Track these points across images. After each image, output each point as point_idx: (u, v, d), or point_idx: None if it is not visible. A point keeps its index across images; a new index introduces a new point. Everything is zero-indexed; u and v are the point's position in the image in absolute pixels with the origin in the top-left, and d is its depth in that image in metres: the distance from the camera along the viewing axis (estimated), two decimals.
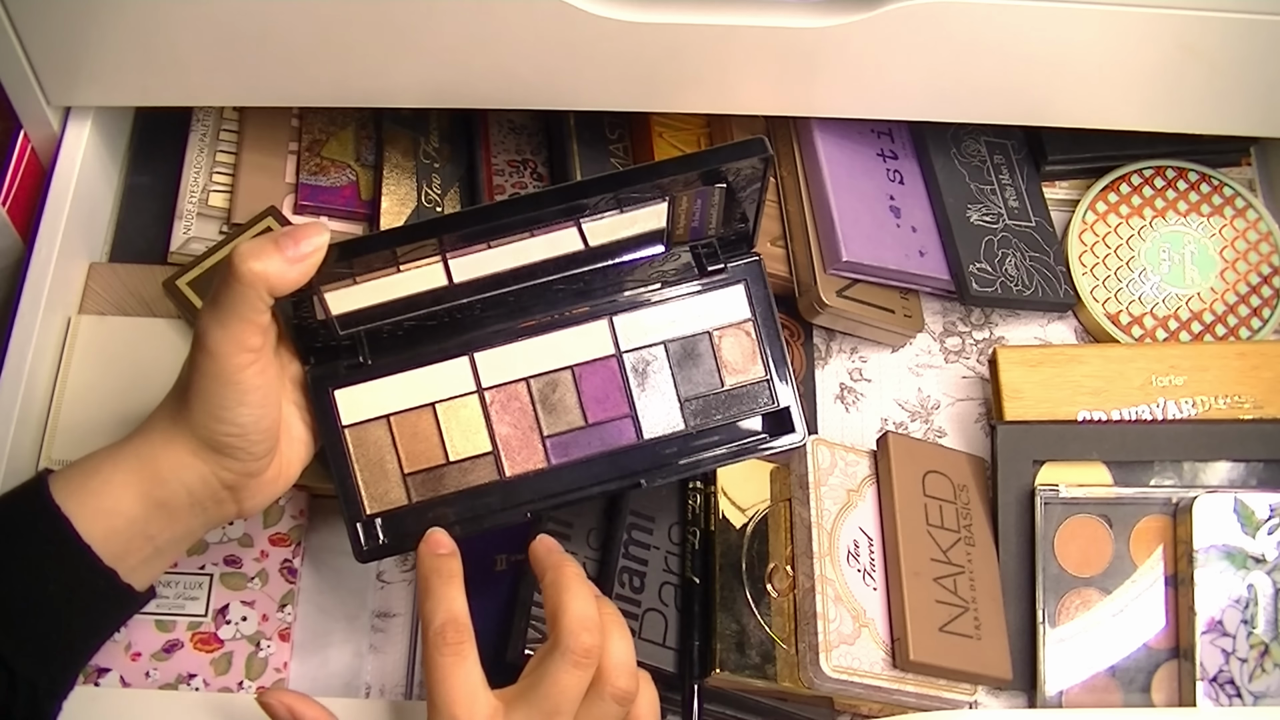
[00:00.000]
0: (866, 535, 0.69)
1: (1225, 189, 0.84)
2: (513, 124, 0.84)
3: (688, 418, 0.64)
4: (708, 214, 0.62)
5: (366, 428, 0.62)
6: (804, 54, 0.69)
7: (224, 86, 0.72)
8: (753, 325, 0.65)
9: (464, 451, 0.62)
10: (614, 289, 0.64)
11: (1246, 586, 0.68)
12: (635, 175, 0.58)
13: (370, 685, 0.69)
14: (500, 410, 0.63)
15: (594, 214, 0.59)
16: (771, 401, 0.64)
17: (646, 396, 0.64)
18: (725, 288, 0.65)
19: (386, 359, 0.62)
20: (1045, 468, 0.72)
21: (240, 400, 0.54)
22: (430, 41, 0.68)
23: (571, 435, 0.63)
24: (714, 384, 0.64)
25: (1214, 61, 0.71)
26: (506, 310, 0.63)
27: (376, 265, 0.58)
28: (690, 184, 0.59)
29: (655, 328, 0.64)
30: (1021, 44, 0.69)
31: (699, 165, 0.58)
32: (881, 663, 0.65)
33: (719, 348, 0.64)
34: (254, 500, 0.58)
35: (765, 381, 0.64)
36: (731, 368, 0.64)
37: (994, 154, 0.84)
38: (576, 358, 0.64)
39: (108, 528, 0.54)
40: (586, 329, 0.64)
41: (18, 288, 0.72)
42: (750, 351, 0.65)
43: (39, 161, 0.77)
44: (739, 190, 0.60)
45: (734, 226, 0.64)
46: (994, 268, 0.79)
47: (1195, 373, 0.76)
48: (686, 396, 0.64)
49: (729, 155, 0.58)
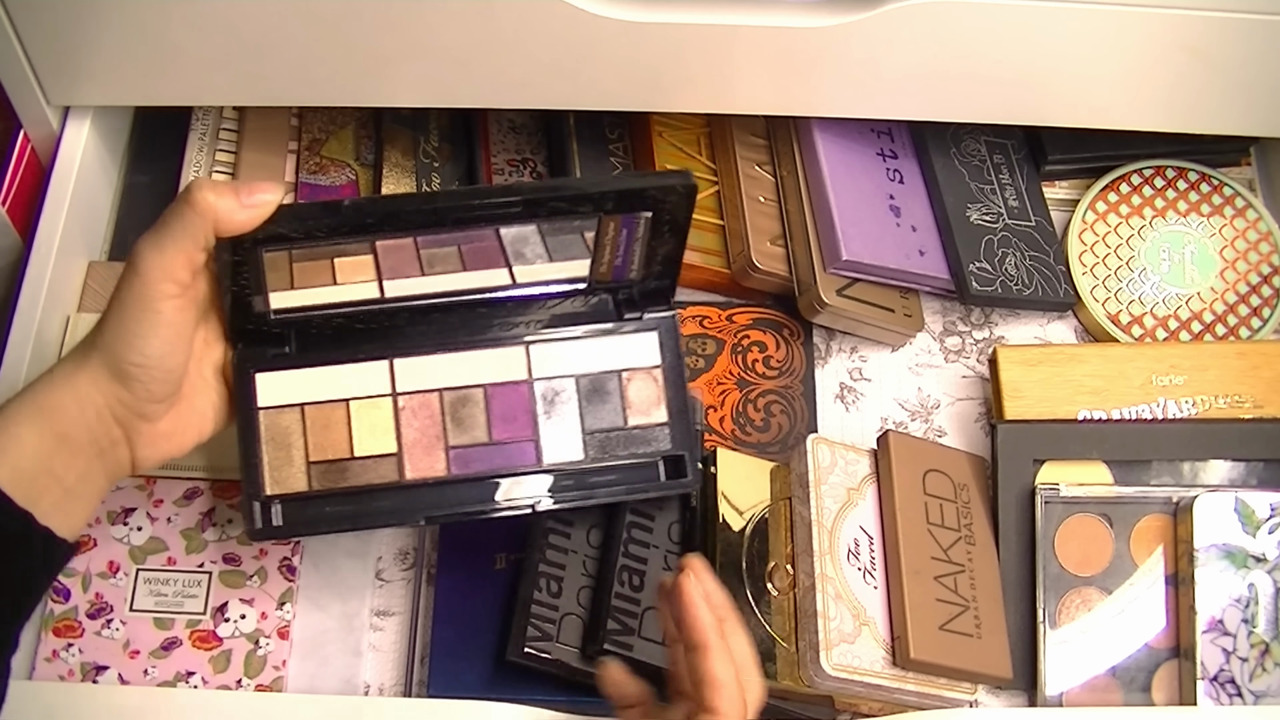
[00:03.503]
0: (867, 534, 0.69)
1: (1225, 189, 0.84)
2: (513, 123, 0.84)
3: (588, 449, 0.65)
4: (631, 250, 0.64)
5: (281, 412, 0.64)
6: (804, 54, 0.69)
7: (224, 86, 0.72)
8: (661, 372, 0.67)
9: (369, 449, 0.64)
10: (536, 320, 0.67)
11: (1247, 586, 0.68)
12: (555, 186, 0.61)
13: (369, 684, 0.69)
14: (410, 416, 0.65)
15: (523, 234, 0.62)
16: (670, 445, 0.66)
17: (551, 424, 0.66)
18: (640, 333, 0.68)
19: (311, 353, 0.65)
20: (1045, 467, 0.72)
21: (153, 329, 0.56)
22: (430, 41, 0.68)
23: (474, 450, 0.65)
24: (617, 421, 0.66)
25: (1214, 61, 0.71)
26: (431, 326, 0.66)
27: (317, 257, 0.60)
28: (610, 200, 0.61)
29: (569, 360, 0.67)
30: (1021, 44, 0.69)
31: (623, 184, 0.61)
32: (882, 661, 0.65)
33: (626, 388, 0.67)
34: (147, 451, 0.59)
35: (665, 425, 0.66)
36: (636, 409, 0.66)
37: (994, 154, 0.84)
38: (490, 378, 0.66)
39: (14, 467, 0.54)
40: (504, 352, 0.66)
41: (17, 286, 0.72)
42: (656, 397, 0.67)
43: (38, 160, 0.77)
44: (663, 223, 0.63)
45: (655, 272, 0.66)
46: (994, 267, 0.79)
47: (1195, 372, 0.76)
48: (590, 430, 0.66)
49: (653, 179, 0.63)
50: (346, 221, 0.59)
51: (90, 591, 0.67)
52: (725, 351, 0.78)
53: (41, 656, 0.66)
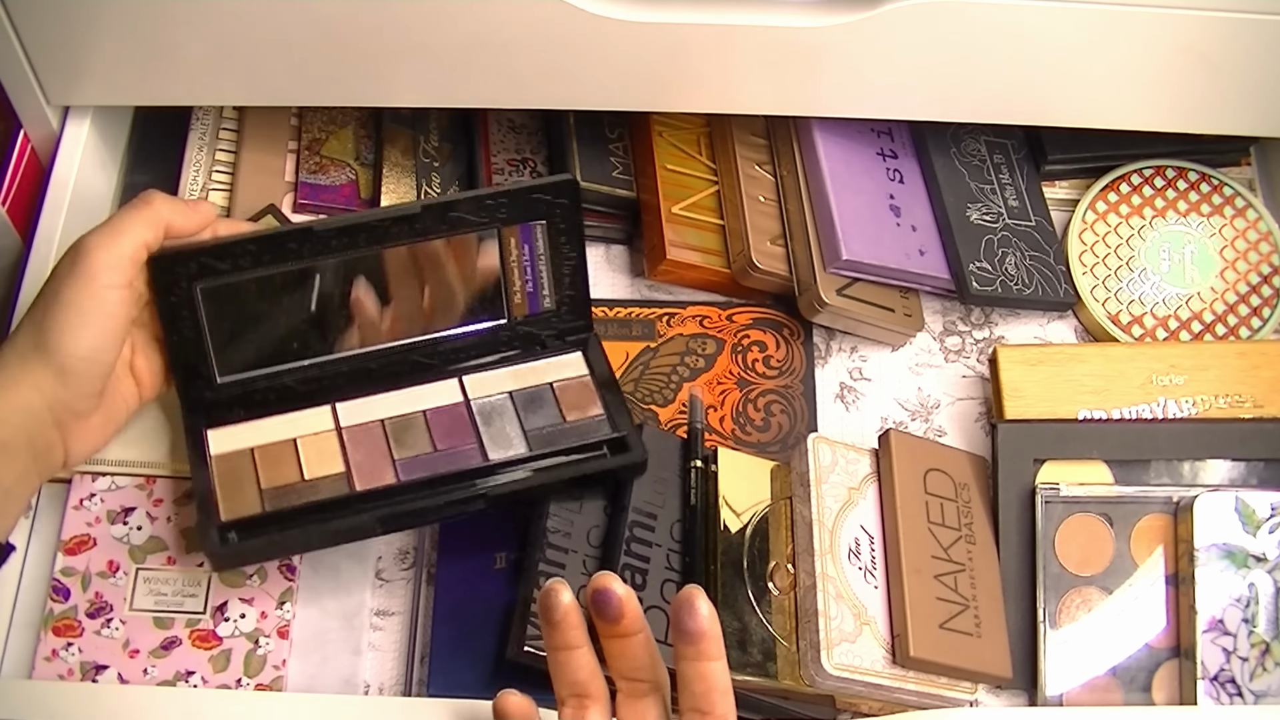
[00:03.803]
0: (867, 533, 0.69)
1: (1225, 189, 0.84)
2: (512, 123, 0.84)
3: (531, 444, 0.69)
4: (538, 270, 0.69)
5: (231, 456, 0.67)
6: (804, 54, 0.69)
7: (224, 86, 0.73)
8: (591, 379, 0.71)
9: (318, 472, 0.67)
10: (464, 360, 0.71)
11: (1247, 585, 0.68)
12: (450, 198, 0.66)
13: (369, 684, 0.69)
14: (355, 442, 0.68)
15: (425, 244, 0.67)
16: (612, 431, 0.69)
17: (493, 429, 0.69)
18: (564, 354, 0.72)
19: (257, 409, 0.69)
20: (1046, 466, 0.72)
21: (98, 320, 0.59)
22: (430, 41, 0.68)
23: (421, 458, 0.68)
24: (556, 420, 0.70)
25: (1214, 61, 0.71)
26: (369, 379, 0.70)
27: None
28: (503, 207, 0.66)
29: (501, 382, 0.71)
30: (1021, 44, 0.70)
31: (510, 187, 0.66)
32: (882, 661, 0.65)
33: (560, 394, 0.71)
34: (79, 447, 0.62)
35: (602, 417, 0.70)
36: (572, 408, 0.70)
37: (994, 153, 0.84)
38: (428, 405, 0.70)
39: None
40: (438, 385, 0.71)
41: (17, 286, 0.72)
42: (590, 397, 0.71)
43: (38, 160, 0.77)
44: (559, 231, 0.68)
45: (567, 299, 0.71)
46: (994, 267, 0.79)
47: (1195, 372, 0.76)
48: (531, 429, 0.69)
49: (539, 180, 0.67)
50: (269, 249, 0.65)
51: (90, 591, 0.67)
52: (725, 351, 0.78)
53: (41, 656, 0.66)
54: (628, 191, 0.81)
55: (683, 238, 0.78)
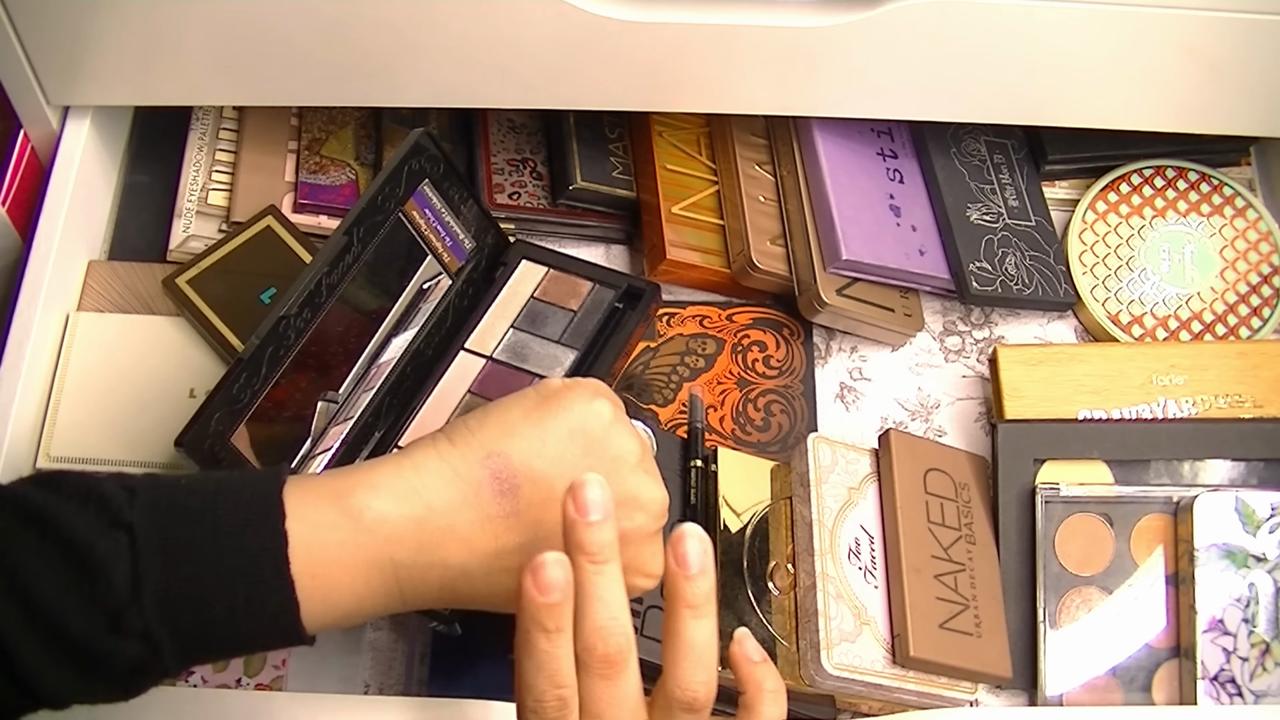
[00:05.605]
0: (868, 533, 0.69)
1: (1225, 189, 0.84)
2: (512, 123, 0.84)
3: (572, 343, 0.73)
4: (446, 224, 0.71)
5: None
6: (804, 54, 0.69)
7: (224, 86, 0.73)
8: (553, 272, 0.76)
9: None
10: (452, 336, 0.73)
11: (1247, 585, 0.68)
12: (355, 212, 0.66)
13: (369, 683, 0.68)
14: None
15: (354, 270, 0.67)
16: (612, 286, 0.75)
17: (533, 358, 0.72)
18: (513, 272, 0.75)
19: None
20: (1046, 466, 0.72)
21: None
22: (430, 41, 0.68)
23: None
24: (569, 314, 0.74)
25: (1214, 61, 0.71)
26: (390, 408, 0.70)
27: None
28: (394, 185, 0.68)
29: (495, 326, 0.74)
30: (1022, 44, 0.70)
31: (387, 172, 0.67)
32: (882, 660, 0.65)
33: (548, 297, 0.74)
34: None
35: (596, 285, 0.75)
36: (567, 298, 0.74)
37: (994, 153, 0.84)
38: (466, 384, 0.71)
39: (325, 600, 0.49)
40: (453, 368, 0.72)
41: (16, 285, 0.72)
42: (570, 283, 0.75)
43: (38, 160, 0.77)
44: (440, 181, 0.70)
45: (478, 228, 0.74)
46: (994, 267, 0.79)
47: (1195, 372, 0.76)
48: (559, 336, 0.73)
49: (399, 159, 0.68)
50: (260, 359, 0.62)
51: None
52: (725, 351, 0.78)
53: None
54: (628, 191, 0.81)
55: (683, 238, 0.78)
